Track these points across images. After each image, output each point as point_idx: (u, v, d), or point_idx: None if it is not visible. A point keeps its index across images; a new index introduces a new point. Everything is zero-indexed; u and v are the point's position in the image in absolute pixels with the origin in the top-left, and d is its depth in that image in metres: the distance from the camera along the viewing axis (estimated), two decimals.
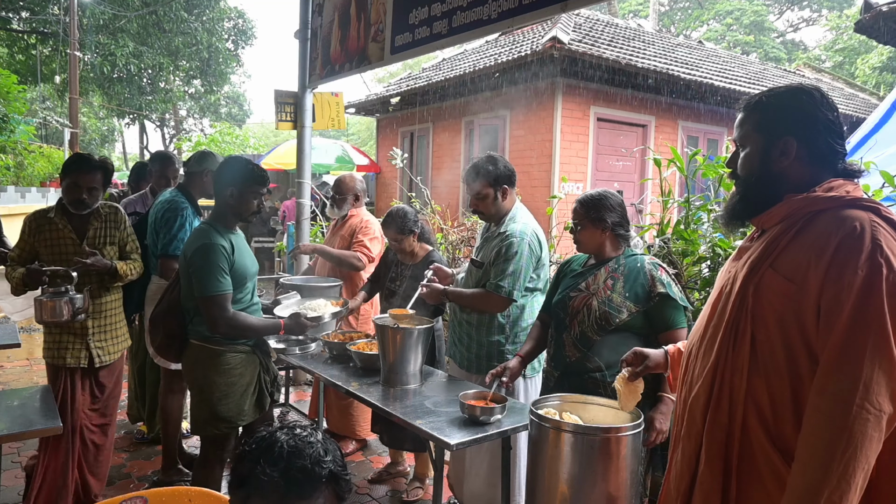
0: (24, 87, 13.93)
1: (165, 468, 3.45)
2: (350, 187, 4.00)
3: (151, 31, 19.77)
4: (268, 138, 28.54)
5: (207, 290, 2.49)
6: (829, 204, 1.34)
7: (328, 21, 4.07)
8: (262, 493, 1.09)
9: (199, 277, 2.50)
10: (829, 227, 1.30)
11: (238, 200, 2.60)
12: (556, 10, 2.45)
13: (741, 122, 1.52)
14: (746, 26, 27.36)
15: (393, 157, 6.55)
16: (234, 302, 2.57)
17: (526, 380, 2.90)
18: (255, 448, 1.13)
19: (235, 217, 2.66)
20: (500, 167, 2.85)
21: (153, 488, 1.83)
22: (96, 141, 27.75)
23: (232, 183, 2.60)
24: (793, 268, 1.32)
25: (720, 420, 1.41)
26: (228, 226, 2.65)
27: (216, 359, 2.60)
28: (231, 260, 2.54)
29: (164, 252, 3.31)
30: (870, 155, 3.57)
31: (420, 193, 6.92)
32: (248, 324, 2.60)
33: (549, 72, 8.82)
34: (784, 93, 1.47)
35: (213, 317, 2.51)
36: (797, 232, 1.35)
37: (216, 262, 2.48)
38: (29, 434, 2.51)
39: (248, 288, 2.69)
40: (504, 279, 2.74)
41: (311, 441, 1.14)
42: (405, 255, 3.47)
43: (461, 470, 2.98)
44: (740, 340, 1.39)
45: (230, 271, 2.53)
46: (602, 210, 2.40)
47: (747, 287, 1.39)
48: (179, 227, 3.30)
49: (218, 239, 2.53)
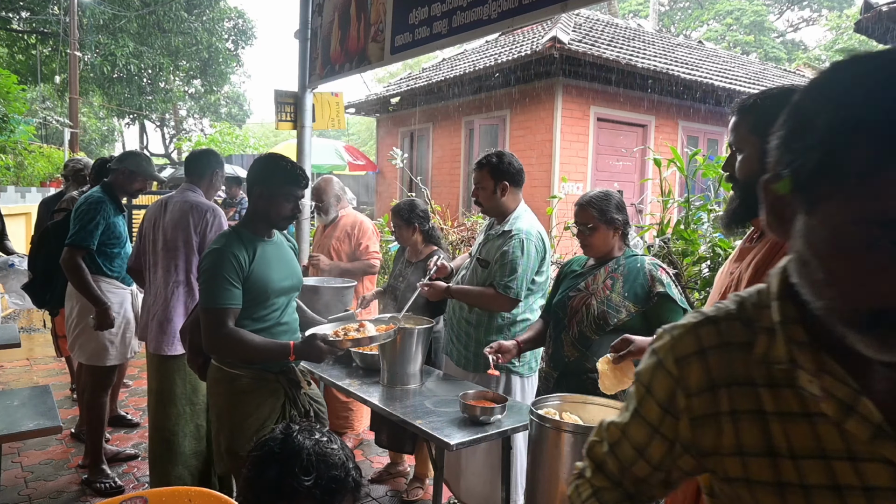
0: (24, 87, 13.92)
1: (91, 468, 3.46)
2: (327, 191, 4.02)
3: (151, 31, 19.79)
4: (268, 138, 28.53)
5: (206, 301, 2.18)
6: None
7: (328, 21, 4.07)
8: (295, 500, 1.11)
9: (201, 285, 2.24)
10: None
11: (268, 203, 2.27)
12: (556, 10, 2.45)
13: (735, 125, 1.51)
14: (746, 26, 27.37)
15: (393, 157, 6.56)
16: (253, 320, 2.24)
17: (523, 379, 2.91)
18: (279, 453, 1.14)
19: (265, 222, 2.31)
20: (504, 162, 2.86)
21: (151, 489, 1.83)
22: (96, 141, 27.75)
23: (261, 182, 2.29)
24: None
25: None
26: (257, 231, 2.31)
27: (230, 384, 2.25)
28: (245, 271, 2.20)
29: (70, 242, 3.30)
30: None
31: (420, 193, 6.93)
32: (248, 345, 2.18)
33: (548, 72, 8.83)
34: (778, 94, 1.46)
35: (208, 332, 2.18)
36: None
37: (222, 270, 2.16)
38: (29, 434, 2.51)
39: (273, 305, 2.31)
40: (513, 280, 2.74)
41: (333, 448, 1.16)
42: (410, 250, 3.52)
43: (457, 467, 2.98)
44: None
45: (244, 283, 2.20)
46: (612, 210, 2.40)
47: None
48: (90, 220, 3.32)
49: (233, 246, 2.21)
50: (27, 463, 3.73)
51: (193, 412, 3.08)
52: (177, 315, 3.04)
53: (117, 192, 3.52)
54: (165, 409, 3.03)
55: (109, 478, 3.43)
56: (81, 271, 3.28)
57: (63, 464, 3.74)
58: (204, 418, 3.10)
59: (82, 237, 3.31)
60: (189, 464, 3.06)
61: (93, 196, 3.41)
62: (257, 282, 2.22)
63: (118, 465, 3.71)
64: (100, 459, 3.46)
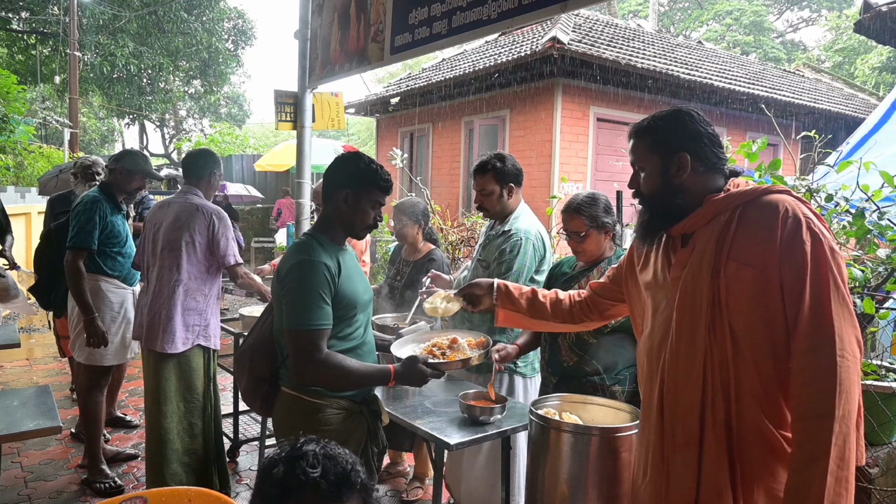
0: (24, 87, 13.93)
1: (90, 468, 3.47)
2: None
3: (151, 31, 19.78)
4: (268, 138, 28.53)
5: (296, 321, 1.90)
6: (750, 195, 1.51)
7: (328, 21, 4.07)
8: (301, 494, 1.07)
9: (289, 303, 1.94)
10: (765, 213, 1.46)
11: (353, 208, 2.03)
12: (556, 10, 2.45)
13: (634, 147, 1.66)
14: (746, 26, 27.37)
15: (393, 157, 6.56)
16: (339, 338, 1.99)
17: (525, 379, 2.90)
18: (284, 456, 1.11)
19: (346, 229, 2.08)
20: (507, 165, 2.85)
21: (150, 489, 1.83)
22: (96, 141, 27.73)
23: (347, 184, 2.03)
24: (749, 254, 1.46)
25: (719, 417, 1.47)
26: (336, 240, 2.07)
27: (313, 416, 1.97)
28: (335, 285, 1.95)
29: (70, 244, 3.34)
30: (869, 155, 3.57)
31: (420, 193, 6.92)
32: (346, 369, 1.93)
33: (548, 72, 8.83)
34: (668, 115, 1.61)
35: (299, 357, 1.92)
36: (738, 223, 1.49)
37: (316, 286, 1.90)
38: (29, 434, 2.51)
39: (358, 322, 2.07)
40: (507, 278, 2.74)
41: (339, 451, 1.14)
42: (408, 248, 3.51)
43: (458, 470, 2.98)
44: (720, 335, 1.47)
45: (333, 299, 1.95)
46: (602, 214, 2.41)
47: (716, 283, 1.48)
48: (87, 221, 3.35)
49: (322, 256, 1.95)
50: (27, 463, 3.73)
51: (188, 409, 3.09)
52: (177, 314, 3.04)
53: (115, 191, 3.53)
54: (160, 407, 3.03)
55: (109, 478, 3.43)
56: (79, 276, 3.30)
57: (63, 464, 3.74)
58: (199, 416, 3.11)
59: (82, 239, 3.33)
60: (183, 461, 3.07)
61: (88, 196, 3.42)
62: (346, 296, 1.99)
63: (118, 465, 3.71)
64: (98, 459, 3.47)
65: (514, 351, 2.55)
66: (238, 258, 3.19)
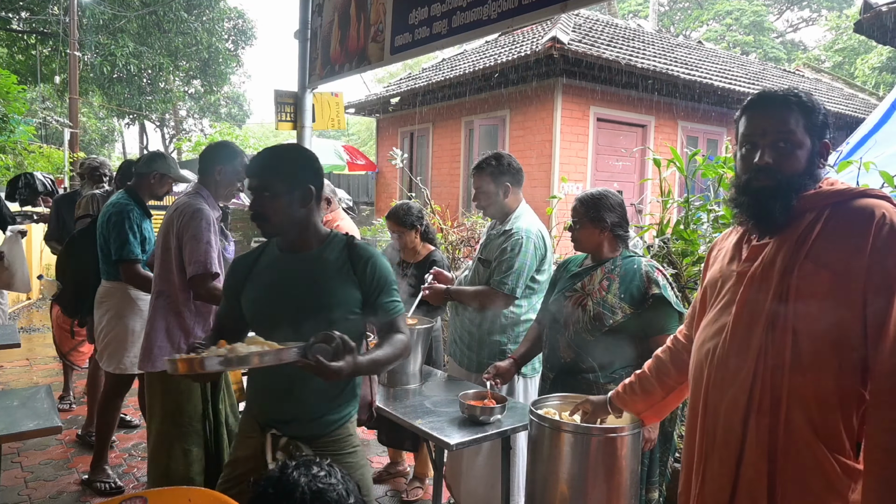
0: (24, 87, 13.90)
1: (94, 467, 3.47)
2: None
3: (151, 31, 19.77)
4: (268, 138, 28.49)
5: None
6: (844, 195, 1.41)
7: (328, 21, 4.06)
8: None
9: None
10: (858, 216, 1.35)
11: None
12: (556, 10, 2.45)
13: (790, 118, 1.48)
14: (746, 26, 27.36)
15: (393, 158, 6.56)
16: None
17: (525, 379, 2.91)
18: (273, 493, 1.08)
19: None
20: (504, 164, 2.86)
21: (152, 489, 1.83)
22: (96, 141, 27.72)
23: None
24: (830, 257, 1.36)
25: (763, 422, 1.40)
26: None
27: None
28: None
29: (120, 257, 3.20)
30: (869, 155, 3.57)
31: (420, 193, 6.92)
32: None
33: (548, 72, 8.83)
34: (817, 100, 1.52)
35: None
36: (824, 223, 1.39)
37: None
38: (29, 434, 2.51)
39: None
40: (508, 276, 2.75)
41: (331, 482, 1.10)
42: (406, 252, 3.48)
43: (458, 470, 2.98)
44: (779, 338, 1.38)
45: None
46: (601, 209, 2.40)
47: (786, 281, 1.39)
48: (128, 229, 3.21)
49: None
50: (27, 463, 3.73)
51: (179, 434, 2.64)
52: (158, 328, 2.69)
53: (144, 195, 3.42)
54: (151, 426, 2.72)
55: (110, 478, 3.43)
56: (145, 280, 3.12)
57: (63, 464, 3.74)
58: (194, 443, 2.66)
59: (129, 251, 3.20)
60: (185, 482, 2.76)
61: (119, 203, 3.29)
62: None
63: (118, 464, 3.71)
64: (103, 460, 3.47)
65: (509, 366, 2.59)
66: (209, 266, 2.57)
